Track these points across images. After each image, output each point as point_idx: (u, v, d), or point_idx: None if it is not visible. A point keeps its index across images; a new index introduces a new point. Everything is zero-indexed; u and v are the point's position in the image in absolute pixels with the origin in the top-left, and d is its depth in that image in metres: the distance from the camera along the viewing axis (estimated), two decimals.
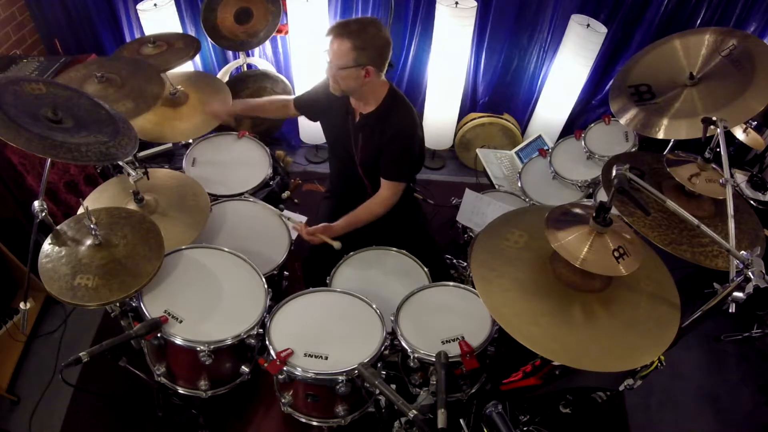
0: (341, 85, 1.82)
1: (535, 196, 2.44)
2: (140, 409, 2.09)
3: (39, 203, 1.58)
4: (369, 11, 2.99)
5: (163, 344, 1.60)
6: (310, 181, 3.21)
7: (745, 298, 1.14)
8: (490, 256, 1.39)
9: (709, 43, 1.85)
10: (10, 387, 2.19)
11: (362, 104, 1.94)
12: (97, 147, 1.54)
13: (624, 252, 1.23)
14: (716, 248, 1.42)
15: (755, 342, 2.54)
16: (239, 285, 1.74)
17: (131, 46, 2.46)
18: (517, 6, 2.94)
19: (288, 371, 1.54)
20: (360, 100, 1.93)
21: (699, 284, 1.83)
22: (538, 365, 1.60)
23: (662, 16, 2.83)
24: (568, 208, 1.35)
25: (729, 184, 1.39)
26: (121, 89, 2.01)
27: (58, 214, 2.46)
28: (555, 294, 1.31)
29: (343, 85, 1.81)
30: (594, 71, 3.06)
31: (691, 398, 2.36)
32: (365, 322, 1.70)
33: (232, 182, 2.23)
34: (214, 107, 2.25)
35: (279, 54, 3.29)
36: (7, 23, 2.84)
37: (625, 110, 1.93)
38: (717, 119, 1.54)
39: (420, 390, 1.67)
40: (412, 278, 1.97)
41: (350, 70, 1.75)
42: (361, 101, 1.93)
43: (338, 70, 1.77)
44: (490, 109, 3.39)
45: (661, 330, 1.27)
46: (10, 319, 2.27)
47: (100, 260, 1.56)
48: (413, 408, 1.31)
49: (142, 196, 1.87)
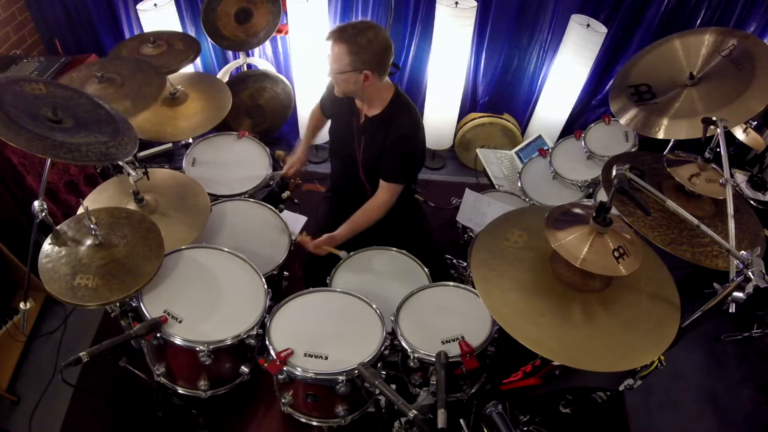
0: (342, 88, 1.83)
1: (535, 196, 2.44)
2: (140, 409, 2.09)
3: (39, 203, 1.58)
4: (369, 11, 2.99)
5: (162, 344, 1.60)
6: (310, 181, 3.21)
7: (745, 298, 1.14)
8: (490, 256, 1.39)
9: (709, 43, 1.85)
10: (10, 387, 2.18)
11: (367, 107, 1.94)
12: (98, 147, 1.54)
13: (624, 252, 1.23)
14: (716, 248, 1.42)
15: (755, 342, 2.54)
16: (239, 285, 1.74)
17: (130, 43, 2.46)
18: (517, 6, 2.94)
19: (288, 371, 1.54)
20: (364, 102, 1.93)
21: (699, 284, 1.84)
22: (538, 365, 1.60)
23: (662, 16, 2.83)
24: (568, 208, 1.35)
25: (729, 184, 1.39)
26: (121, 89, 2.01)
27: (58, 214, 2.46)
28: (555, 294, 1.31)
29: (343, 88, 1.83)
30: (594, 71, 3.06)
31: (691, 398, 2.36)
32: (365, 322, 1.70)
33: (232, 182, 2.23)
34: (295, 168, 2.31)
35: (279, 54, 3.29)
36: (7, 23, 2.84)
37: (625, 110, 1.93)
38: (717, 119, 1.54)
39: (420, 390, 1.67)
40: (412, 278, 1.97)
41: (348, 75, 1.76)
42: (366, 104, 1.93)
43: (336, 75, 1.78)
44: (490, 109, 3.39)
45: (661, 330, 1.27)
46: (10, 319, 2.27)
47: (100, 260, 1.56)
48: (413, 408, 1.31)
49: (142, 196, 1.87)
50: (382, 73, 1.81)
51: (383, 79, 1.85)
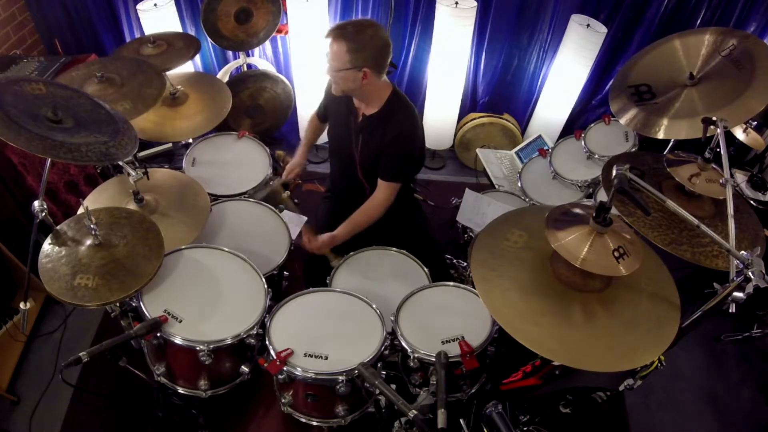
0: (341, 86, 1.83)
1: (535, 196, 2.44)
2: (140, 409, 2.09)
3: (39, 203, 1.58)
4: (369, 11, 2.99)
5: (162, 344, 1.60)
6: (310, 181, 3.20)
7: (745, 298, 1.14)
8: (490, 256, 1.39)
9: (709, 43, 1.85)
10: (10, 387, 2.18)
11: (365, 105, 1.94)
12: (98, 147, 1.54)
13: (624, 252, 1.22)
14: (716, 248, 1.42)
15: (755, 342, 2.54)
16: (239, 285, 1.74)
17: (131, 45, 2.46)
18: (517, 6, 2.94)
19: (288, 371, 1.54)
20: (363, 101, 1.93)
21: (699, 284, 1.84)
22: (538, 365, 1.60)
23: (662, 16, 2.83)
24: (568, 208, 1.35)
25: (729, 184, 1.39)
26: (121, 89, 2.01)
27: (58, 214, 2.46)
28: (555, 294, 1.31)
29: (342, 86, 1.82)
30: (594, 71, 3.06)
31: (691, 398, 2.36)
32: (365, 322, 1.70)
33: (232, 182, 2.23)
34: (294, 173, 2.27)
35: (279, 54, 3.29)
36: (7, 23, 2.84)
37: (625, 110, 1.93)
38: (717, 119, 1.53)
39: (420, 390, 1.67)
40: (412, 278, 1.97)
41: (347, 72, 1.76)
42: (364, 102, 1.93)
43: (335, 72, 1.78)
44: (490, 109, 3.39)
45: (661, 330, 1.27)
46: (10, 319, 2.27)
47: (100, 260, 1.56)
48: (413, 408, 1.31)
49: (142, 196, 1.87)
50: (381, 71, 1.81)
51: (382, 78, 1.85)
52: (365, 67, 1.74)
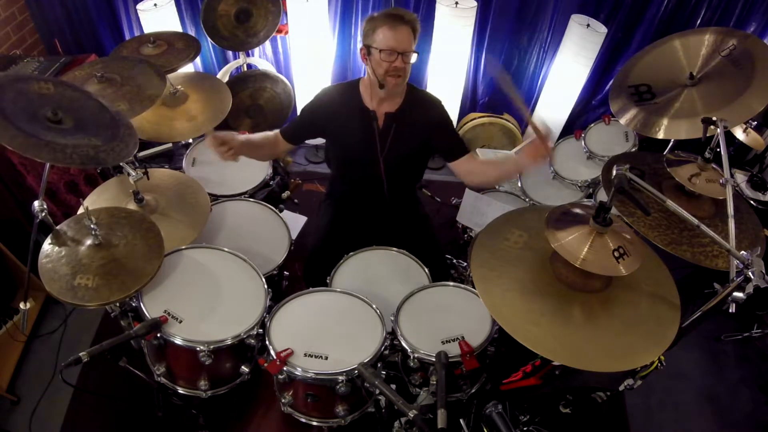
0: (406, 75, 1.79)
1: (535, 196, 2.45)
2: (140, 409, 2.09)
3: (39, 203, 1.58)
4: (369, 11, 2.99)
5: (162, 344, 1.60)
6: (310, 181, 3.21)
7: (745, 298, 1.14)
8: (490, 256, 1.39)
9: (709, 43, 1.85)
10: (10, 387, 2.18)
11: (387, 103, 1.89)
12: (85, 150, 1.50)
13: (624, 252, 1.22)
14: (716, 248, 1.43)
15: (755, 342, 2.54)
16: (239, 285, 1.74)
17: (130, 44, 2.46)
18: (517, 6, 2.94)
19: (288, 371, 1.54)
20: (396, 95, 1.89)
21: (699, 284, 1.83)
22: (538, 365, 1.60)
23: (662, 16, 2.84)
24: (568, 208, 1.35)
25: (729, 184, 1.39)
26: (121, 89, 2.00)
27: (58, 214, 2.46)
28: (555, 294, 1.31)
29: (408, 75, 1.78)
30: (594, 71, 3.06)
31: (691, 398, 2.36)
32: (365, 322, 1.70)
33: (232, 182, 2.23)
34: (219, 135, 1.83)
35: (279, 54, 3.29)
36: (7, 23, 2.84)
37: (625, 110, 1.93)
38: (717, 119, 1.54)
39: (420, 390, 1.67)
40: (412, 278, 1.97)
41: (415, 56, 1.75)
42: (390, 98, 1.88)
43: (411, 62, 1.74)
44: (490, 109, 3.39)
45: (661, 330, 1.27)
46: (10, 319, 2.27)
47: (100, 260, 1.56)
48: (413, 408, 1.31)
49: (142, 196, 1.87)
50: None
51: None
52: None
